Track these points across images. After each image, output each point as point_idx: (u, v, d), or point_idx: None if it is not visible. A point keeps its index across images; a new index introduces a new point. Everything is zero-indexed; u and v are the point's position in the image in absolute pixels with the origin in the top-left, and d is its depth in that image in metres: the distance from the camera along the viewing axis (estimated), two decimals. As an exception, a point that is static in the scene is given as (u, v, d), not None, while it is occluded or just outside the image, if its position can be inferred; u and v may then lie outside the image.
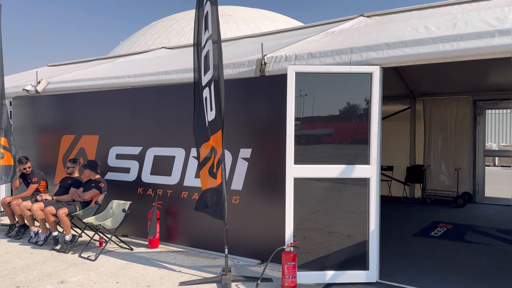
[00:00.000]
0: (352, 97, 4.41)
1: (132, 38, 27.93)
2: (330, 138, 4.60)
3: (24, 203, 6.13)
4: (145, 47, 24.50)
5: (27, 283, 4.52)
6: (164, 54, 9.36)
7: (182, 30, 25.86)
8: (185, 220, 5.87)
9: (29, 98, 7.99)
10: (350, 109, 4.47)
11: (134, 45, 26.04)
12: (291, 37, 6.76)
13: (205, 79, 4.59)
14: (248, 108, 5.29)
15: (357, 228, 4.62)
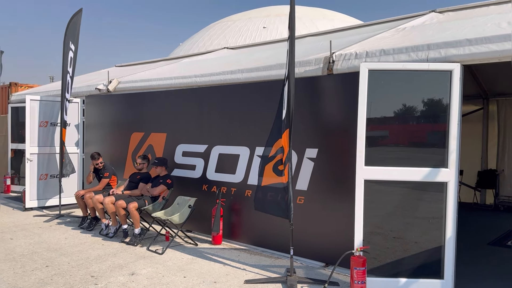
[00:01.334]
0: (428, 97, 4.18)
1: (191, 40, 28.70)
2: (403, 139, 4.39)
3: (97, 196, 6.46)
4: (203, 48, 25.10)
5: (100, 273, 4.75)
6: (227, 54, 9.50)
7: (239, 31, 26.18)
8: (248, 218, 5.90)
9: (101, 97, 8.43)
10: (425, 109, 4.23)
11: (193, 46, 26.73)
12: (358, 34, 6.57)
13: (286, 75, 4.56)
14: (314, 108, 5.20)
15: (424, 234, 4.38)
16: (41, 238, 6.21)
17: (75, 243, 5.99)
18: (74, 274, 4.70)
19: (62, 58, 7.76)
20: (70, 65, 7.85)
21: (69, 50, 7.78)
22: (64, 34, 7.73)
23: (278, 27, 25.32)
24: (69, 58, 7.78)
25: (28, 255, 5.37)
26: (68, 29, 7.76)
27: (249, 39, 24.11)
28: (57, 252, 5.52)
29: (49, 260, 5.18)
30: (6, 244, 5.82)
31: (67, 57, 7.76)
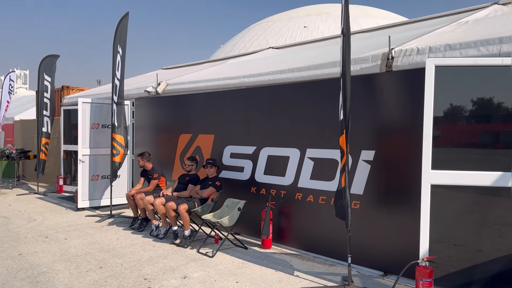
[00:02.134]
0: (501, 94, 3.83)
1: (231, 41, 28.84)
2: (473, 140, 4.05)
3: (147, 197, 6.50)
4: (244, 49, 25.12)
5: (153, 276, 4.72)
6: (272, 54, 9.36)
7: (279, 31, 26.00)
8: (299, 222, 5.71)
9: (150, 99, 8.53)
10: (497, 108, 3.88)
11: (234, 48, 26.84)
12: (415, 29, 6.23)
13: None
14: (371, 107, 4.93)
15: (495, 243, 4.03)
16: (94, 238, 6.32)
17: (127, 243, 6.04)
18: (127, 276, 4.71)
19: (112, 61, 7.90)
20: (118, 68, 7.97)
21: (117, 53, 7.92)
22: (113, 38, 7.88)
23: (319, 26, 24.94)
24: (117, 61, 7.91)
25: (82, 255, 5.45)
26: (116, 33, 7.90)
27: (290, 39, 23.89)
28: (110, 253, 5.57)
29: (102, 261, 5.23)
30: (61, 244, 5.96)
31: (115, 60, 7.90)
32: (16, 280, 4.54)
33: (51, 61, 10.76)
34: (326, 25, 24.68)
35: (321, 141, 5.45)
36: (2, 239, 6.18)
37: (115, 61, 7.86)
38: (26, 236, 6.34)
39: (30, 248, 5.71)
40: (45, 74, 10.59)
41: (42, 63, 10.63)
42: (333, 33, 21.10)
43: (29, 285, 4.40)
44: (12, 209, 8.47)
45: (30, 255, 5.41)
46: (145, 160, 7.07)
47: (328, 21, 25.24)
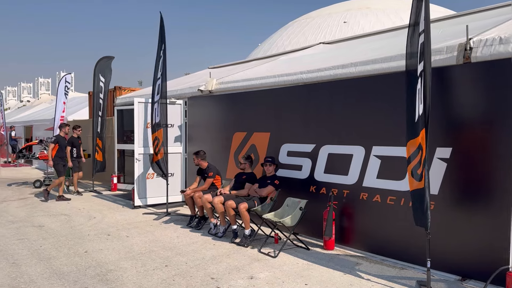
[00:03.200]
0: None
1: (269, 40, 28.67)
2: None
3: (206, 196, 6.48)
4: (282, 47, 24.88)
5: (219, 275, 4.66)
6: (324, 49, 9.12)
7: (318, 27, 25.56)
8: (364, 223, 5.48)
9: (203, 98, 8.53)
10: None
11: (272, 46, 26.65)
12: (486, 18, 5.82)
13: (419, 68, 4.09)
14: (446, 101, 4.63)
15: None
16: (154, 236, 6.37)
17: (187, 242, 6.04)
18: (194, 275, 4.68)
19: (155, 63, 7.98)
20: (161, 68, 8.03)
21: (160, 54, 7.97)
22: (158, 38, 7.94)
23: (359, 21, 24.33)
24: (160, 62, 7.96)
25: (146, 253, 5.49)
26: (160, 33, 7.95)
27: (329, 35, 23.40)
28: (173, 251, 5.58)
29: (166, 259, 5.24)
30: (124, 242, 6.04)
31: (158, 61, 7.96)
32: (86, 277, 4.61)
33: (106, 62, 11.04)
34: (367, 20, 24.04)
35: (389, 138, 5.19)
36: (66, 236, 6.35)
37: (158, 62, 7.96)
38: (89, 234, 6.49)
39: (94, 246, 5.83)
40: (100, 75, 10.88)
41: (97, 65, 10.93)
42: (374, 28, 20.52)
43: (100, 283, 4.46)
44: (71, 207, 8.73)
45: (96, 253, 5.50)
46: (199, 159, 7.07)
47: (369, 15, 24.58)
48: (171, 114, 8.60)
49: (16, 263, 5.07)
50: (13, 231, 6.65)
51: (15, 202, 9.27)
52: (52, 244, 5.91)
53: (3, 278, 4.56)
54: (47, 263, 5.06)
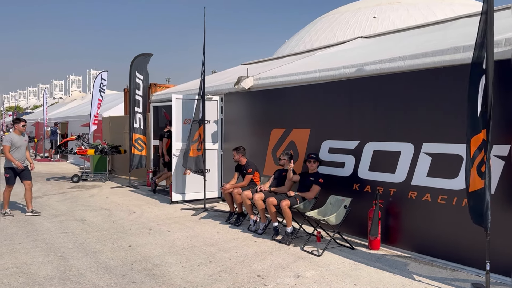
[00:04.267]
0: None
1: (296, 36, 28.42)
2: None
3: (246, 192, 6.43)
4: (310, 43, 24.62)
5: (265, 273, 4.60)
6: (363, 44, 8.90)
7: (347, 23, 25.16)
8: (412, 223, 5.30)
9: (239, 94, 8.48)
10: None
11: (299, 42, 26.41)
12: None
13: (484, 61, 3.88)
14: (503, 97, 4.40)
15: None
16: (195, 231, 6.37)
17: (228, 238, 6.01)
18: (240, 272, 4.63)
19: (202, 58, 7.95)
20: (203, 64, 8.01)
21: (204, 50, 7.95)
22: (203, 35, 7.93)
23: (390, 15, 23.84)
24: (204, 58, 7.94)
25: (189, 248, 5.49)
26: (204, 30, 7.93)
27: (359, 30, 22.99)
28: (215, 247, 5.56)
29: (210, 255, 5.22)
30: (166, 237, 6.06)
31: (204, 58, 7.93)
32: (133, 271, 4.63)
33: (144, 59, 11.16)
34: (398, 14, 23.52)
35: (441, 135, 4.99)
36: (109, 230, 6.44)
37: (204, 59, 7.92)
38: (131, 228, 6.55)
39: (137, 240, 5.87)
40: (137, 72, 10.99)
41: (134, 62, 11.06)
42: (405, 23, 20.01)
43: (147, 277, 4.47)
44: (110, 201, 8.87)
45: (140, 247, 5.54)
46: (240, 155, 7.02)
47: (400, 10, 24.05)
48: (207, 111, 8.58)
49: (63, 256, 5.16)
50: (57, 224, 6.79)
51: (55, 196, 9.50)
52: (96, 237, 5.99)
53: (53, 271, 4.64)
54: (93, 257, 5.12)
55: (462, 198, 4.74)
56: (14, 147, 7.26)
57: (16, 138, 7.32)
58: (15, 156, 7.25)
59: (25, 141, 7.50)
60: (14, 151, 7.27)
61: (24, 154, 7.46)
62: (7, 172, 7.31)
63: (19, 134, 7.43)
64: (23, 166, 7.33)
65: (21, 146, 7.37)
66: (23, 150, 7.43)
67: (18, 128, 7.45)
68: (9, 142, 7.24)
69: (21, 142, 7.38)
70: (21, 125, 7.48)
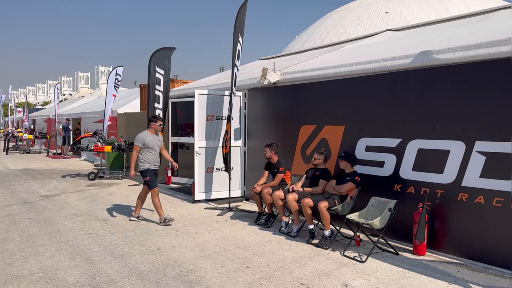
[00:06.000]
0: None
1: (306, 32, 28.02)
2: None
3: (277, 193, 6.10)
4: (320, 39, 24.24)
5: (309, 281, 4.26)
6: (393, 37, 8.51)
7: (358, 18, 24.76)
8: (462, 227, 4.93)
9: (265, 89, 8.14)
10: None
11: (309, 38, 26.02)
12: None
13: None
14: None
15: None
16: (224, 233, 6.05)
17: (261, 241, 5.68)
18: (281, 279, 4.30)
19: (232, 51, 7.60)
20: (238, 58, 7.67)
21: (237, 42, 7.60)
22: (233, 26, 7.56)
23: (401, 11, 23.43)
24: (237, 51, 7.59)
25: (221, 252, 5.17)
26: (236, 20, 7.58)
27: (370, 26, 22.60)
28: (248, 250, 5.23)
29: (245, 259, 4.89)
30: (195, 239, 5.75)
31: (235, 50, 7.58)
32: (167, 278, 4.32)
33: (165, 54, 10.83)
34: (410, 10, 23.08)
35: (496, 132, 4.61)
36: (134, 231, 6.14)
37: (235, 51, 7.55)
38: (157, 229, 6.25)
39: (166, 242, 5.56)
40: (156, 67, 10.67)
41: (153, 56, 10.74)
42: (417, 19, 19.52)
43: (183, 284, 4.16)
44: (131, 200, 8.58)
45: (169, 250, 5.23)
46: (273, 152, 6.68)
47: (412, 5, 23.60)
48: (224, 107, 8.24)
49: (90, 259, 4.87)
50: (79, 224, 6.51)
51: (73, 194, 9.24)
52: (122, 239, 5.69)
53: (82, 276, 4.34)
54: (122, 261, 4.82)
55: (522, 201, 4.36)
56: (146, 147, 6.58)
57: (149, 138, 6.62)
58: (148, 156, 6.58)
59: (159, 141, 6.77)
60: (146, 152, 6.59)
61: (158, 155, 6.79)
62: (146, 174, 6.58)
63: (153, 134, 6.71)
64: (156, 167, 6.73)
65: (154, 146, 6.66)
66: (157, 151, 6.75)
67: (155, 127, 6.69)
68: (139, 141, 6.56)
69: (154, 142, 6.67)
70: (157, 125, 6.73)
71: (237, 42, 7.59)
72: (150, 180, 6.56)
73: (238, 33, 7.58)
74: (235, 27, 7.55)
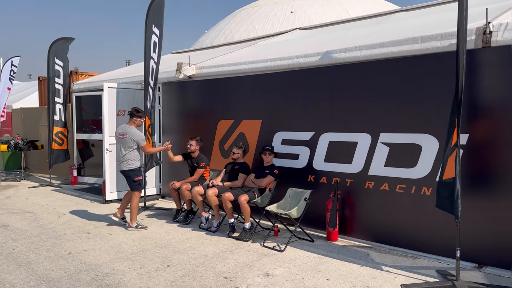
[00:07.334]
0: None
1: (216, 27, 28.16)
2: None
3: (197, 188, 6.02)
4: (230, 35, 24.55)
5: (232, 274, 4.29)
6: (303, 35, 8.90)
7: (266, 16, 25.46)
8: (370, 212, 5.33)
9: (179, 83, 7.97)
10: None
11: (219, 33, 26.20)
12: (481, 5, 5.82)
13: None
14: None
15: None
16: (141, 233, 5.83)
17: (180, 238, 5.57)
18: (204, 275, 4.26)
19: (144, 42, 7.30)
20: (155, 50, 7.39)
21: (151, 34, 7.32)
22: (146, 16, 7.27)
23: (306, 11, 24.56)
24: (152, 42, 7.32)
25: (139, 252, 4.97)
26: (150, 10, 7.30)
27: (277, 24, 23.40)
28: (168, 249, 5.10)
29: (165, 258, 4.76)
30: (109, 241, 5.45)
31: (149, 41, 7.30)
32: (82, 283, 4.04)
33: (64, 44, 10.02)
34: (313, 10, 24.28)
35: (399, 125, 5.06)
36: (39, 236, 5.63)
37: (149, 43, 7.27)
38: (65, 233, 5.80)
39: (77, 246, 5.19)
40: (56, 58, 9.85)
41: (52, 47, 9.88)
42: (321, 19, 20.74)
43: (100, 288, 3.92)
44: (32, 203, 7.86)
45: (81, 254, 4.89)
46: (198, 146, 6.56)
47: (315, 6, 24.82)
48: (142, 101, 7.91)
49: (-11, 270, 4.35)
50: (-28, 232, 5.78)
51: (-39, 199, 8.18)
52: (26, 245, 5.18)
53: (-21, 289, 3.87)
54: (28, 268, 4.39)
55: (421, 186, 4.85)
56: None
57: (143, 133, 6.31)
58: (138, 154, 6.20)
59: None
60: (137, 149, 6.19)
61: None
62: (139, 174, 6.14)
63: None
64: None
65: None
66: None
67: (138, 123, 6.25)
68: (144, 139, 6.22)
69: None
70: (141, 121, 6.32)
71: (151, 33, 7.32)
72: (142, 179, 6.28)
73: (152, 23, 7.31)
74: (148, 17, 7.27)
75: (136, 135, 6.08)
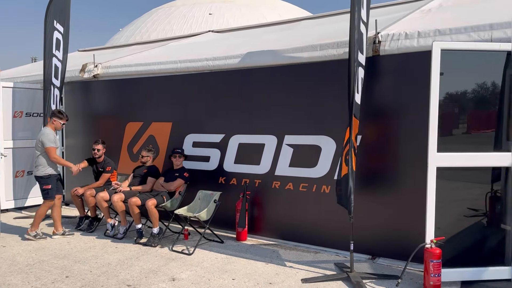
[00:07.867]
0: (492, 78, 4.04)
1: (132, 25, 27.37)
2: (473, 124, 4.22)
3: (101, 194, 5.76)
4: (147, 34, 24.03)
5: (136, 281, 4.17)
6: (216, 37, 8.94)
7: (184, 16, 25.31)
8: (276, 211, 5.52)
9: (84, 83, 7.57)
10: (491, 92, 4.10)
11: (135, 32, 25.53)
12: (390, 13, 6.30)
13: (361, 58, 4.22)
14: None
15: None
16: (39, 243, 5.43)
17: (83, 247, 5.28)
18: (106, 284, 4.09)
19: (44, 40, 6.81)
20: (58, 48, 6.91)
21: (53, 30, 6.85)
22: (46, 11, 6.79)
23: (224, 14, 24.83)
24: (54, 39, 6.84)
25: (36, 264, 4.62)
26: (50, 6, 6.82)
27: (195, 25, 23.38)
28: (68, 259, 4.81)
29: (65, 269, 4.48)
30: (1, 254, 5.00)
31: (51, 38, 6.82)
32: (-37, 303, 3.66)
33: None
34: (232, 14, 24.62)
35: (301, 127, 5.30)
36: None
37: (51, 40, 6.79)
38: None
39: (-39, 262, 4.69)
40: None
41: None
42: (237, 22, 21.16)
43: (-16, 308, 3.58)
44: None
45: (-34, 271, 4.42)
46: (105, 150, 6.25)
47: (233, 9, 25.17)
48: (40, 102, 7.35)
49: None
50: None
51: None
52: None
53: None
54: None
55: (321, 185, 5.14)
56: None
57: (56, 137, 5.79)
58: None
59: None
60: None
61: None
62: (49, 182, 5.59)
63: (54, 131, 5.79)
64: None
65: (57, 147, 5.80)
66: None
67: (57, 126, 5.79)
68: (54, 142, 5.65)
69: (57, 142, 5.89)
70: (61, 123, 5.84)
71: (53, 29, 6.85)
72: (51, 189, 5.62)
73: (53, 19, 6.84)
74: (48, 13, 6.80)
75: (44, 135, 5.62)
